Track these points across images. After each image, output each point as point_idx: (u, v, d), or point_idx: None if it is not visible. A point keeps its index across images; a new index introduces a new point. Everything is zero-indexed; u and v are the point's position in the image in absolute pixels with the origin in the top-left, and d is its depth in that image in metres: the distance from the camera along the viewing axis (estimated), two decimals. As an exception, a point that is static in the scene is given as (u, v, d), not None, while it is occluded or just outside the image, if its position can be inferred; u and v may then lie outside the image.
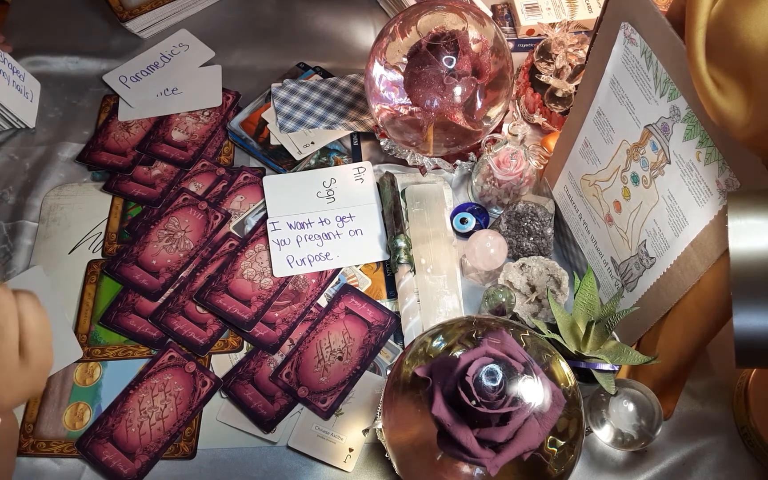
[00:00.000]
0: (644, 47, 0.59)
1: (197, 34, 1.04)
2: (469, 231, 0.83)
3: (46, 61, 1.01)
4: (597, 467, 0.69)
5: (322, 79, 0.97)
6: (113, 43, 1.04)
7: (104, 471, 0.68)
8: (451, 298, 0.77)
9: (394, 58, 0.80)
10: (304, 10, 1.08)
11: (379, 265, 0.82)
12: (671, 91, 0.58)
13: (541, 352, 0.56)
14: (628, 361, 0.64)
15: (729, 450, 0.70)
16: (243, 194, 0.87)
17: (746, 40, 0.43)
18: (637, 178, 0.65)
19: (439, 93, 0.77)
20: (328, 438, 0.70)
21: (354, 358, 0.74)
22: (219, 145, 0.92)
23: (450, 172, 0.88)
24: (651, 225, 0.65)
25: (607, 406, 0.66)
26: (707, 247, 0.58)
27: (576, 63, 0.88)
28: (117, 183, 0.88)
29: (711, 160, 0.56)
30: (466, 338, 0.55)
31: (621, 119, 0.65)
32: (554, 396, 0.51)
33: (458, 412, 0.49)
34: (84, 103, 0.97)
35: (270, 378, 0.73)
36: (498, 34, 0.81)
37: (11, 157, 0.92)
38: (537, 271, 0.77)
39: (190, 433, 0.71)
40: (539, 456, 0.51)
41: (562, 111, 0.88)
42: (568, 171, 0.77)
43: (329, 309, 0.78)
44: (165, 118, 0.94)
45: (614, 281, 0.73)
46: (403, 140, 0.84)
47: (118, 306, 0.79)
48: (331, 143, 0.91)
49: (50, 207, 0.87)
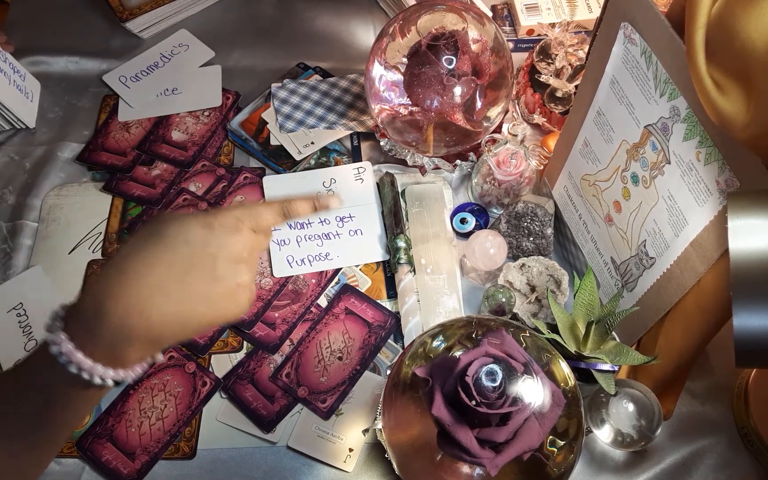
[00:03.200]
0: (644, 47, 0.59)
1: (197, 34, 1.04)
2: (469, 231, 0.83)
3: (46, 61, 1.01)
4: (597, 467, 0.69)
5: (322, 79, 0.97)
6: (113, 43, 1.04)
7: (104, 471, 0.68)
8: (451, 298, 0.77)
9: (394, 58, 0.80)
10: (304, 10, 1.08)
11: (379, 265, 0.82)
12: (671, 91, 0.58)
13: (541, 352, 0.56)
14: (628, 361, 0.64)
15: (729, 450, 0.70)
16: (243, 194, 0.87)
17: (746, 40, 0.43)
18: (637, 178, 0.65)
19: (439, 93, 0.77)
20: (328, 438, 0.70)
21: (354, 358, 0.74)
22: (219, 145, 0.92)
23: (450, 172, 0.88)
24: (651, 225, 0.65)
25: (607, 406, 0.66)
26: (707, 247, 0.58)
27: (576, 63, 0.88)
28: (117, 183, 0.88)
29: (711, 160, 0.56)
30: (466, 338, 0.55)
31: (621, 119, 0.65)
32: (554, 396, 0.51)
33: (458, 412, 0.49)
34: (84, 103, 0.97)
35: (270, 378, 0.73)
36: (498, 34, 0.81)
37: (11, 157, 0.92)
38: (537, 271, 0.77)
39: (190, 433, 0.71)
40: (539, 456, 0.51)
41: (561, 111, 0.89)
42: (568, 171, 0.77)
43: (329, 309, 0.78)
44: (165, 118, 0.94)
45: (614, 281, 0.73)
46: (403, 140, 0.84)
47: (118, 306, 0.78)
48: (331, 143, 0.91)
49: (50, 207, 0.87)
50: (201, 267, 0.48)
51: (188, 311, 0.48)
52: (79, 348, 0.46)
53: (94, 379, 0.46)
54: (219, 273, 0.49)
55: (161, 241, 0.48)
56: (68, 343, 0.45)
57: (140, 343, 0.47)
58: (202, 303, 0.48)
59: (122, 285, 0.46)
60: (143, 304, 0.46)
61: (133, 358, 0.48)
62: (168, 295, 0.47)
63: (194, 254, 0.48)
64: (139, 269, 0.47)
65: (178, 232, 0.48)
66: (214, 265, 0.49)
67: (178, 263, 0.48)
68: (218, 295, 0.49)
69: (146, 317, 0.46)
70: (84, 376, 0.46)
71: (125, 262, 0.47)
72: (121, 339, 0.46)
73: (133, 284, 0.46)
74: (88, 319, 0.46)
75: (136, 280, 0.47)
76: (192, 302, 0.48)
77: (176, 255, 0.48)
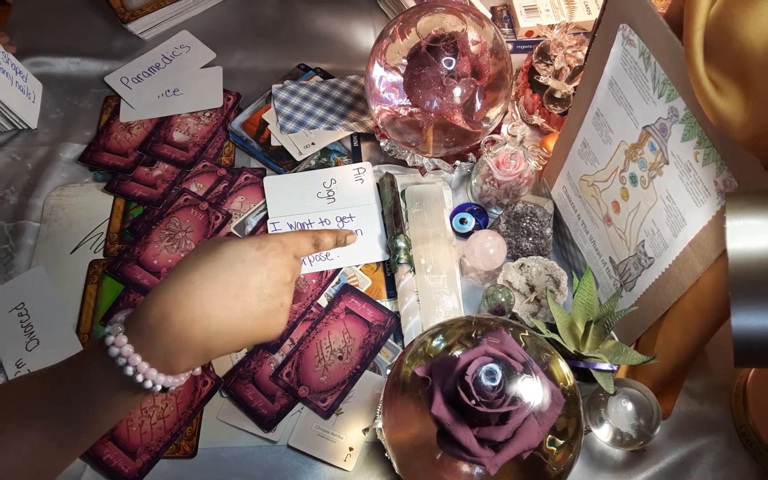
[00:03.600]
0: (642, 48, 0.60)
1: (198, 35, 1.04)
2: (469, 231, 0.83)
3: (48, 62, 1.01)
4: (596, 466, 0.70)
5: (323, 81, 0.98)
6: (115, 45, 1.04)
7: (105, 470, 0.69)
8: (451, 297, 0.77)
9: (394, 60, 0.80)
10: (305, 11, 1.09)
11: (379, 265, 0.82)
12: (669, 91, 0.58)
13: (540, 351, 0.56)
14: (627, 361, 0.64)
15: (727, 449, 0.71)
16: (244, 195, 0.87)
17: (744, 41, 0.43)
18: (636, 179, 0.66)
19: (439, 94, 0.78)
20: (329, 437, 0.71)
21: (354, 357, 0.75)
22: (220, 146, 0.92)
23: (449, 173, 0.88)
24: (649, 225, 0.65)
25: (606, 406, 0.66)
26: (705, 247, 0.59)
27: (575, 64, 0.88)
28: (118, 183, 0.88)
29: (709, 160, 0.56)
30: (466, 338, 0.55)
31: (619, 120, 0.66)
32: (553, 395, 0.51)
33: (458, 411, 0.49)
34: (86, 103, 0.97)
35: (270, 377, 0.74)
36: (497, 35, 0.82)
37: (13, 158, 0.92)
38: (536, 271, 0.77)
39: (190, 432, 0.71)
40: (538, 455, 0.51)
41: (560, 112, 0.89)
42: (567, 171, 0.77)
43: (329, 309, 0.78)
44: (166, 119, 0.94)
45: (613, 281, 0.73)
46: (403, 141, 0.84)
47: (120, 306, 0.79)
48: (331, 144, 0.91)
49: (52, 207, 0.87)
50: (254, 285, 0.52)
51: (239, 324, 0.52)
52: (137, 352, 0.49)
53: (146, 383, 0.49)
54: (267, 292, 0.53)
55: (221, 258, 0.52)
56: (129, 346, 0.48)
57: (194, 352, 0.50)
58: (250, 318, 0.52)
59: (189, 296, 0.50)
60: (205, 316, 0.50)
61: (183, 366, 0.51)
62: (225, 308, 0.51)
63: (249, 273, 0.52)
64: (204, 282, 0.50)
65: (236, 253, 0.53)
66: (265, 284, 0.53)
67: (235, 279, 0.52)
68: (265, 311, 0.53)
69: (205, 327, 0.50)
70: (138, 379, 0.49)
71: (191, 275, 0.51)
72: (178, 347, 0.49)
73: (198, 296, 0.50)
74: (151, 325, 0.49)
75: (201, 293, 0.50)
76: (243, 317, 0.52)
77: (234, 272, 0.52)
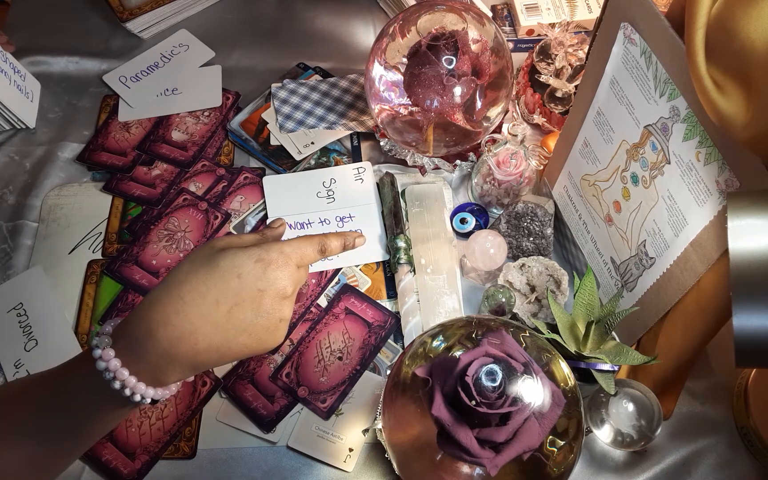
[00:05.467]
0: (644, 47, 0.59)
1: (197, 34, 1.04)
2: (469, 231, 0.83)
3: (46, 61, 1.01)
4: (597, 467, 0.69)
5: (322, 80, 0.97)
6: (113, 44, 1.04)
7: (104, 471, 0.68)
8: (451, 298, 0.77)
9: (394, 59, 0.80)
10: (304, 10, 1.08)
11: (379, 265, 0.82)
12: (671, 91, 0.58)
13: (540, 352, 0.56)
14: (628, 361, 0.64)
15: (729, 450, 0.70)
16: (243, 194, 0.87)
17: (746, 40, 0.43)
18: (637, 179, 0.65)
19: (439, 93, 0.77)
20: (328, 438, 0.70)
21: (354, 358, 0.74)
22: (219, 146, 0.92)
23: (450, 173, 0.88)
24: (651, 225, 0.65)
25: (607, 406, 0.66)
26: (707, 247, 0.58)
27: (576, 63, 0.88)
28: (117, 183, 0.88)
29: (711, 160, 0.56)
30: (466, 338, 0.55)
31: (621, 119, 0.65)
32: (554, 396, 0.51)
33: (458, 412, 0.49)
34: (84, 103, 0.97)
35: (270, 378, 0.74)
36: (498, 34, 0.81)
37: (11, 157, 0.92)
38: (537, 271, 0.77)
39: (190, 432, 0.71)
40: (539, 456, 0.51)
41: (561, 111, 0.89)
42: (568, 171, 0.77)
43: (329, 309, 0.78)
44: (165, 119, 0.94)
45: (614, 281, 0.73)
46: (403, 140, 0.84)
47: (118, 306, 0.79)
48: (331, 143, 0.91)
49: (50, 207, 0.87)
50: (249, 301, 0.51)
51: (231, 340, 0.51)
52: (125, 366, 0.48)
53: (135, 397, 0.49)
54: (264, 308, 0.52)
55: (215, 272, 0.51)
56: (116, 360, 0.48)
57: (182, 367, 0.50)
58: (244, 334, 0.51)
59: (177, 313, 0.49)
60: (193, 333, 0.49)
61: (172, 379, 0.50)
62: (215, 325, 0.50)
63: (244, 288, 0.51)
64: (194, 298, 0.49)
65: (232, 266, 0.51)
66: (261, 301, 0.51)
67: (228, 295, 0.50)
68: (261, 327, 0.52)
69: (193, 344, 0.49)
70: (126, 392, 0.48)
71: (181, 289, 0.50)
72: (165, 362, 0.49)
73: (186, 313, 0.49)
74: (138, 340, 0.49)
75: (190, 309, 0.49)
76: (236, 332, 0.51)
77: (227, 287, 0.50)
